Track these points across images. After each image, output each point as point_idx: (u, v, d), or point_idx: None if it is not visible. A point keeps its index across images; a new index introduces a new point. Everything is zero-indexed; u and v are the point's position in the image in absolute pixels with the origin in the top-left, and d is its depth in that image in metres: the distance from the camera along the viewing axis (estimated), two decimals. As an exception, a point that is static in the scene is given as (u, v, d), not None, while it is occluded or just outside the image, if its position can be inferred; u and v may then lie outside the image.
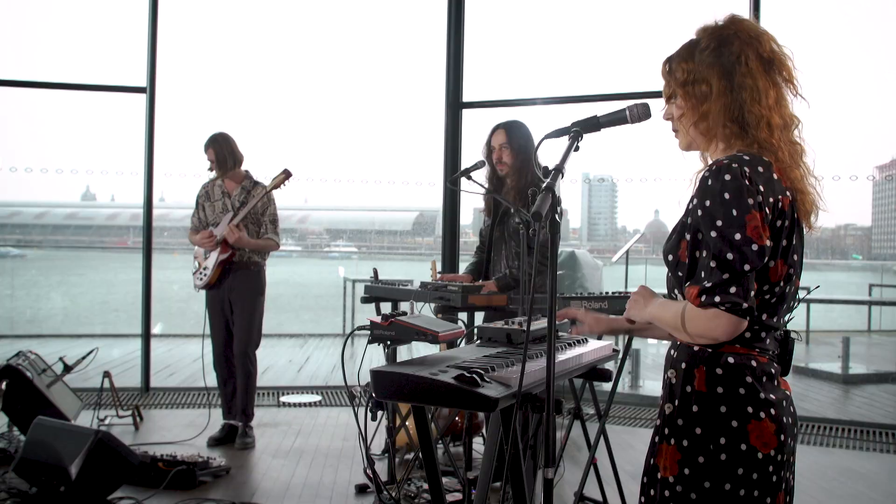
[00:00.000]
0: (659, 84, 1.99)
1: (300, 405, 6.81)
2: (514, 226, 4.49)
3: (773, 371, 1.82)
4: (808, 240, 1.97)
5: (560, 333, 2.67)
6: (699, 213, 1.75)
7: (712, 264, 1.70)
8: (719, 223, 1.71)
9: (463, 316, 4.44)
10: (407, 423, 4.55)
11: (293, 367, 9.35)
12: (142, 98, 6.98)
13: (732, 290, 1.67)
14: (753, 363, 1.78)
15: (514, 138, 4.47)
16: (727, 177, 1.73)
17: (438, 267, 5.57)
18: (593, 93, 7.08)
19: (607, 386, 6.18)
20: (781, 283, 1.81)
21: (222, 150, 5.50)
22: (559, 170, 1.78)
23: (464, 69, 7.22)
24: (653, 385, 7.62)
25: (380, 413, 4.02)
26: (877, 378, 8.79)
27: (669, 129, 2.01)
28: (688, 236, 1.80)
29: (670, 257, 1.85)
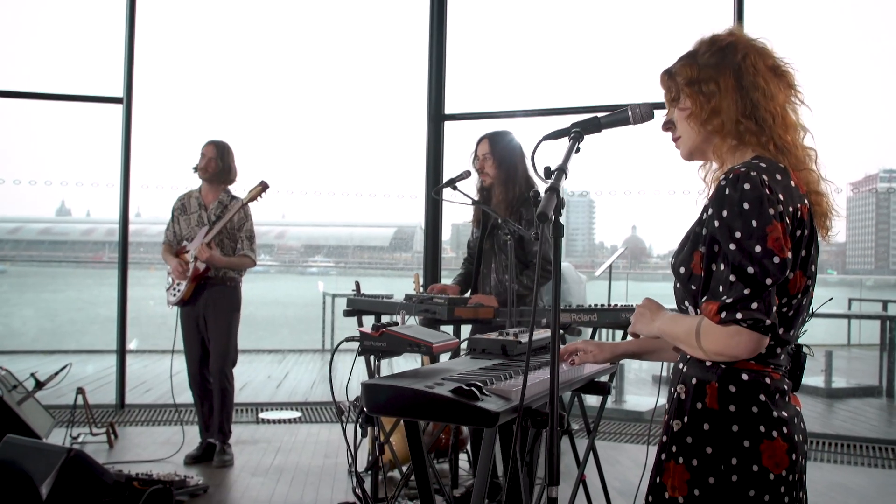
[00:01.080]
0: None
1: (279, 422, 6.67)
2: (504, 237, 4.42)
3: (785, 387, 1.75)
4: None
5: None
6: (716, 223, 1.67)
7: (732, 278, 1.62)
8: (738, 235, 1.63)
9: (447, 329, 4.33)
10: (391, 440, 4.44)
11: (272, 383, 9.18)
12: (118, 109, 6.84)
13: (754, 305, 1.59)
14: (767, 380, 1.71)
15: (497, 148, 4.41)
16: (746, 186, 1.65)
17: (421, 280, 5.48)
18: (576, 105, 7.04)
19: (591, 399, 6.10)
20: (799, 296, 1.73)
21: (226, 156, 5.38)
22: (563, 170, 1.69)
23: (446, 81, 7.16)
24: (636, 400, 7.55)
25: (369, 429, 3.91)
26: (861, 392, 8.76)
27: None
28: (702, 248, 1.72)
29: (682, 269, 1.77)
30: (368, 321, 4.44)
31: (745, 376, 1.69)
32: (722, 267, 1.65)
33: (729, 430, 1.68)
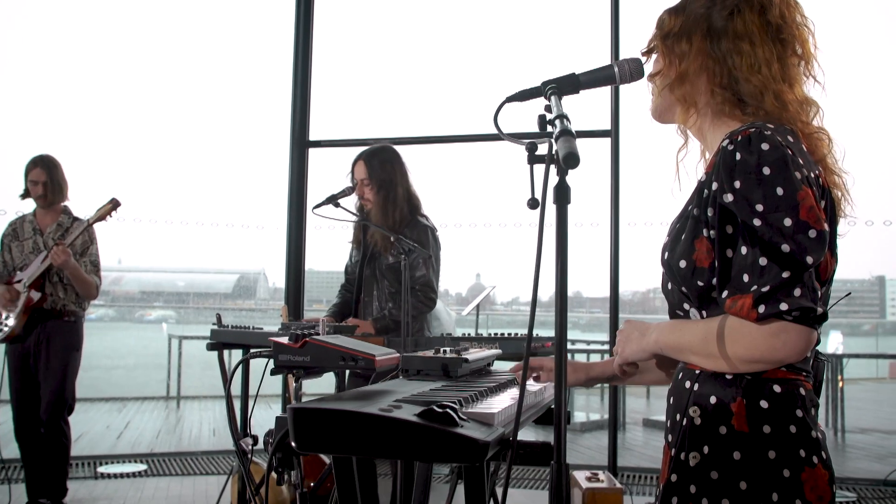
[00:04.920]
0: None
1: (122, 476, 5.89)
2: (388, 264, 4.01)
3: (817, 402, 1.40)
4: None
5: (491, 368, 2.17)
6: (728, 198, 1.31)
7: (763, 261, 1.26)
8: (760, 207, 1.27)
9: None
10: (259, 492, 3.86)
11: (111, 434, 8.31)
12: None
13: (797, 292, 1.24)
14: (802, 391, 1.36)
15: (374, 171, 4.05)
16: (764, 146, 1.30)
17: (288, 312, 4.99)
18: (448, 133, 6.76)
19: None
20: (827, 284, 1.40)
21: (56, 174, 4.73)
22: (565, 115, 1.29)
23: (311, 106, 6.73)
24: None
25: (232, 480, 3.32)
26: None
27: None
28: (706, 232, 1.36)
29: (682, 264, 1.39)
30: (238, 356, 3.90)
31: (777, 388, 1.34)
32: (743, 251, 1.29)
33: (765, 458, 1.32)
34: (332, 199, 3.87)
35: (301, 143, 6.69)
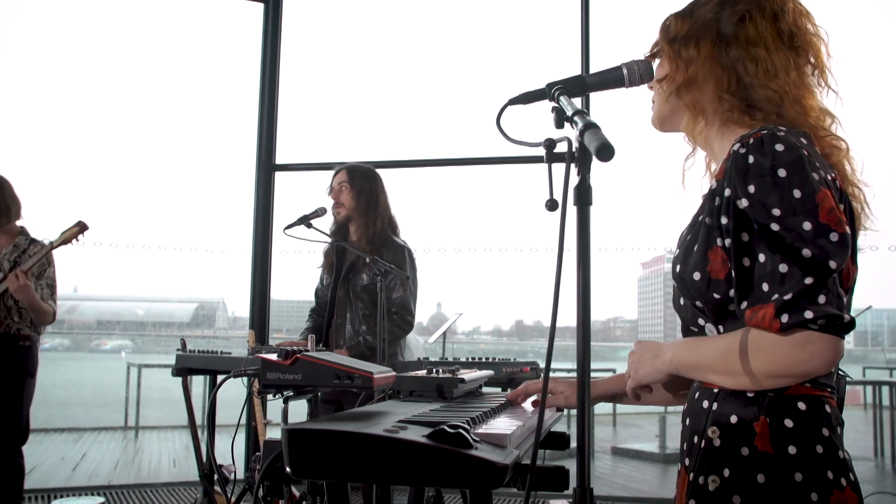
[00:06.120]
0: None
1: (78, 510, 5.67)
2: (363, 284, 3.90)
3: (842, 420, 1.32)
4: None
5: (484, 390, 2.07)
6: (743, 203, 1.23)
7: (783, 268, 1.18)
8: (777, 212, 1.20)
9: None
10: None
11: (67, 465, 8.04)
12: None
13: (822, 299, 1.16)
14: (827, 409, 1.27)
15: (355, 178, 3.99)
16: (778, 147, 1.23)
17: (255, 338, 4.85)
18: (418, 158, 6.71)
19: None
20: (849, 293, 1.32)
21: (3, 196, 4.52)
22: (584, 112, 1.20)
23: (277, 129, 6.63)
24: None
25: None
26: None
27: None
28: (720, 241, 1.28)
29: (696, 276, 1.31)
30: (199, 385, 3.76)
31: (802, 405, 1.25)
32: (761, 258, 1.21)
33: (791, 481, 1.23)
34: (305, 220, 3.77)
35: (268, 167, 6.58)
